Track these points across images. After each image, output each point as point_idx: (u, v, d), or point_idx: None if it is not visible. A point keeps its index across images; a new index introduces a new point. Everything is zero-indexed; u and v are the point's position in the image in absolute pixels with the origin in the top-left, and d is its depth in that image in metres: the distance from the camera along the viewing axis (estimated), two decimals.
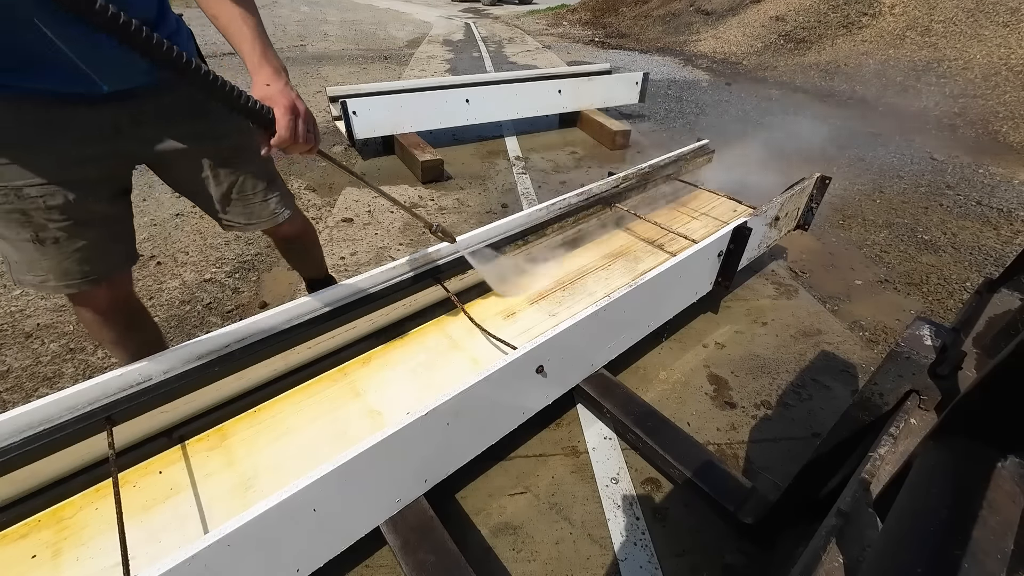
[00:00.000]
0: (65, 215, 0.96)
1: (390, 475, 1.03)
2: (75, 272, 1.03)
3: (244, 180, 1.18)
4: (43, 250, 0.98)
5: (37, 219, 0.94)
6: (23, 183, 0.90)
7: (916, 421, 0.87)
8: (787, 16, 7.63)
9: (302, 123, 0.93)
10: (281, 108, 0.90)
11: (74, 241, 1.00)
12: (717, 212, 2.27)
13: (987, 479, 0.57)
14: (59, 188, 0.94)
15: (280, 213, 1.27)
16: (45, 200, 0.93)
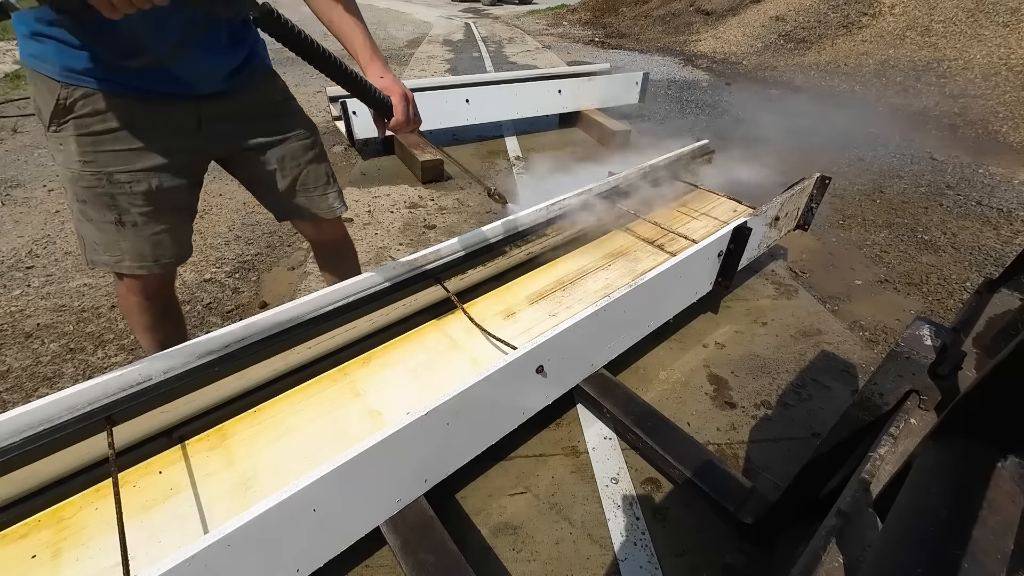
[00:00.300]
0: (147, 201, 1.07)
1: (390, 475, 1.03)
2: (148, 255, 1.13)
3: (307, 174, 1.28)
4: (123, 232, 1.09)
5: (122, 203, 1.05)
6: (115, 169, 1.02)
7: (916, 421, 0.87)
8: (787, 16, 7.63)
9: (412, 108, 1.11)
10: (397, 96, 1.08)
11: (151, 226, 1.11)
12: (717, 212, 2.27)
13: (987, 479, 0.57)
14: (145, 175, 1.05)
15: (337, 207, 1.36)
16: (131, 186, 1.04)
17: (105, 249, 1.10)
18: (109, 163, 1.01)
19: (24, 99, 4.46)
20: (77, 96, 0.95)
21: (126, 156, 1.02)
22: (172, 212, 1.14)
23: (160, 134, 1.04)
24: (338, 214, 1.38)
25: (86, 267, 1.16)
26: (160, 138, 1.04)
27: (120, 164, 1.02)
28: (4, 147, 3.47)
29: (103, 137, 0.99)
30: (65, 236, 2.48)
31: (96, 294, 2.09)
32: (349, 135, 3.32)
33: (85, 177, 1.02)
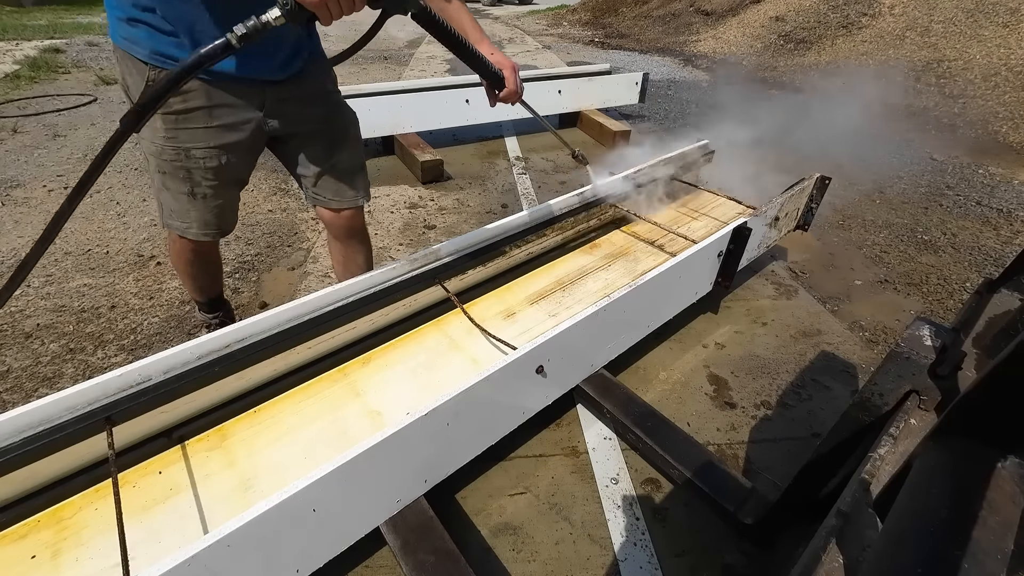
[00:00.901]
0: (216, 176, 1.22)
1: (390, 475, 1.03)
2: (212, 223, 1.31)
3: (341, 161, 1.37)
4: (194, 203, 1.25)
5: (196, 176, 1.20)
6: (192, 145, 1.15)
7: (916, 421, 0.87)
8: (787, 16, 7.63)
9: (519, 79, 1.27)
10: (508, 69, 1.24)
11: (217, 199, 1.27)
12: (717, 212, 2.27)
13: (987, 479, 0.57)
14: (217, 152, 1.18)
15: (361, 197, 1.46)
16: (205, 162, 1.18)
17: (178, 216, 1.27)
18: (188, 140, 1.14)
19: (24, 99, 4.46)
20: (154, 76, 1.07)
21: (203, 134, 1.15)
22: (233, 186, 1.30)
23: (231, 115, 1.15)
24: (359, 204, 1.46)
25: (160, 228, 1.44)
26: (231, 119, 1.16)
27: (197, 141, 1.15)
28: (4, 147, 3.47)
29: (184, 116, 1.11)
30: (65, 236, 2.48)
31: (96, 294, 2.09)
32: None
33: (167, 151, 1.15)
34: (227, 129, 1.17)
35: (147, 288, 2.13)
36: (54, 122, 3.97)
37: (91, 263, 2.29)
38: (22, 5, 10.72)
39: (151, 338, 1.87)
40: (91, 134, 3.77)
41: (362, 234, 1.59)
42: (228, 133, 1.17)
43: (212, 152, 1.17)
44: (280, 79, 1.18)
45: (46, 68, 5.42)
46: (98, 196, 2.87)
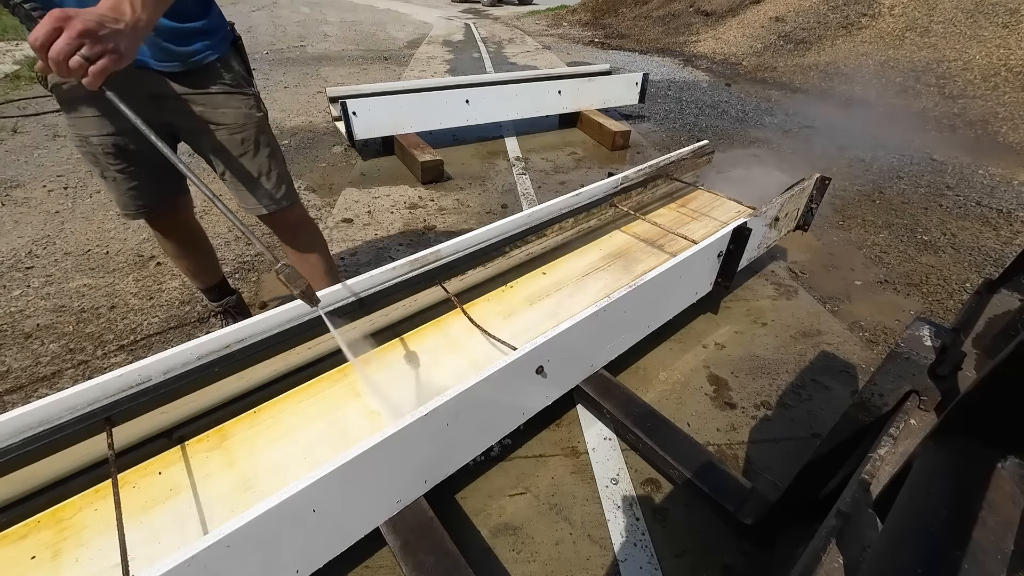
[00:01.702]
0: (119, 160, 1.24)
1: (390, 476, 1.03)
2: (130, 205, 1.33)
3: (237, 168, 1.31)
4: (109, 185, 1.30)
5: (102, 161, 1.23)
6: (89, 133, 1.18)
7: (916, 422, 0.87)
8: (786, 17, 7.63)
9: (65, 39, 0.78)
10: (52, 14, 0.79)
11: (128, 181, 1.29)
12: (717, 212, 2.27)
13: (987, 480, 0.57)
14: (111, 138, 1.19)
15: (263, 206, 1.37)
16: (103, 147, 1.20)
17: (109, 195, 1.34)
18: (84, 128, 1.17)
19: (24, 99, 4.46)
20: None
21: (95, 122, 1.16)
22: (144, 169, 1.29)
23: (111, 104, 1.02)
24: (266, 211, 1.37)
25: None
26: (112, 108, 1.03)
27: (91, 129, 1.17)
28: (4, 147, 3.47)
29: (72, 104, 1.13)
30: (65, 236, 2.48)
31: (96, 294, 2.09)
32: (349, 135, 3.32)
33: (74, 140, 1.21)
34: (117, 117, 1.14)
35: (147, 288, 2.13)
36: (54, 122, 3.96)
37: (91, 263, 2.29)
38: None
39: (151, 338, 1.87)
40: None
41: (298, 232, 1.50)
42: (119, 121, 1.15)
43: (107, 139, 1.19)
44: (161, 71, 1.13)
45: None
46: (98, 196, 2.87)
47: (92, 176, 1.28)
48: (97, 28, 0.82)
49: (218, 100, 1.23)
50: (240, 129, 1.27)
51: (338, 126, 3.54)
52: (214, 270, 1.67)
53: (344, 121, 3.26)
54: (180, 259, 1.58)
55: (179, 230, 1.52)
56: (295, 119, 4.32)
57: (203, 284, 1.68)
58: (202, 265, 1.62)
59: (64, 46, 0.79)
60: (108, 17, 0.84)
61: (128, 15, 0.87)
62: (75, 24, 0.79)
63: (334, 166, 3.42)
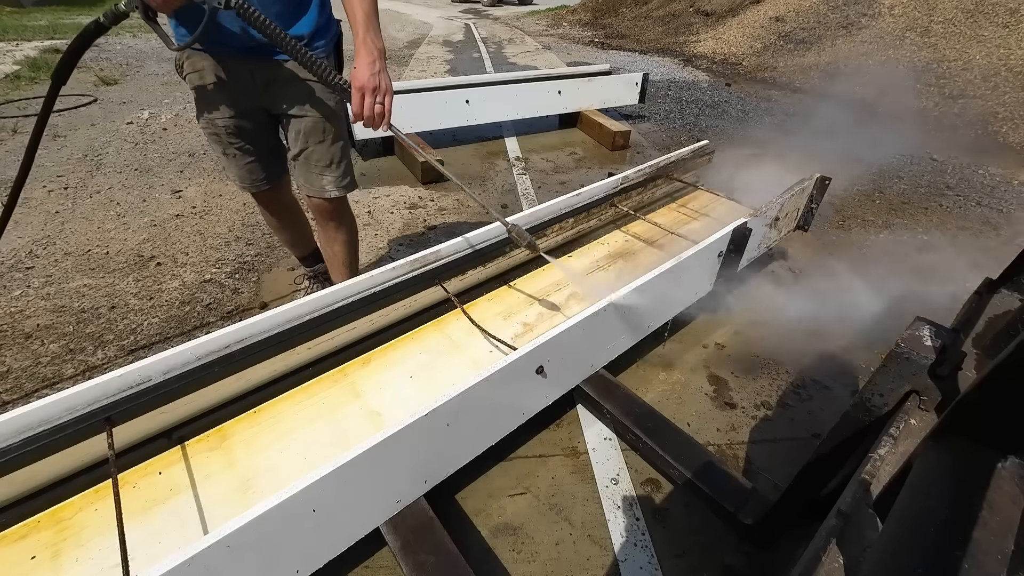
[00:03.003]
0: (238, 139, 1.43)
1: (390, 476, 1.03)
2: (246, 178, 1.52)
3: (313, 152, 1.46)
4: (228, 161, 1.48)
5: (224, 140, 1.42)
6: (215, 116, 1.38)
7: (916, 422, 0.87)
8: (787, 17, 7.63)
9: (369, 99, 1.19)
10: (355, 84, 1.18)
11: (245, 157, 1.47)
12: (717, 212, 2.27)
13: (987, 480, 0.57)
14: (232, 120, 1.39)
15: (328, 190, 1.51)
16: (226, 128, 1.40)
17: (227, 172, 1.52)
18: (211, 111, 1.37)
19: (24, 99, 4.45)
20: (183, 58, 1.31)
21: (219, 106, 1.36)
22: (260, 146, 1.48)
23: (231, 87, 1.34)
24: (328, 195, 1.51)
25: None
26: (231, 91, 1.35)
27: (217, 112, 1.37)
28: (4, 147, 3.47)
29: (202, 90, 1.33)
30: (65, 236, 2.48)
31: (96, 295, 2.09)
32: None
33: (201, 120, 1.40)
34: (234, 102, 1.36)
35: (147, 288, 2.13)
36: (54, 122, 3.96)
37: (91, 263, 2.29)
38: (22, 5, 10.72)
39: (151, 339, 1.87)
40: (91, 134, 3.77)
41: (337, 221, 1.62)
42: (236, 105, 1.37)
43: (228, 121, 1.39)
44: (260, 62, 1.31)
45: (46, 68, 5.42)
46: (98, 196, 2.87)
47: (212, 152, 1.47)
48: (379, 81, 1.19)
49: (316, 91, 1.40)
50: (327, 119, 1.44)
51: None
52: (308, 241, 1.87)
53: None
54: (280, 231, 1.78)
55: (280, 204, 1.70)
56: None
57: (299, 253, 1.89)
58: (298, 236, 1.83)
59: (373, 105, 1.20)
60: (376, 67, 1.19)
61: (380, 58, 1.20)
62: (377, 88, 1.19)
63: None
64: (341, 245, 1.66)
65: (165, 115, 4.20)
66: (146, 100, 4.62)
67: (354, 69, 1.19)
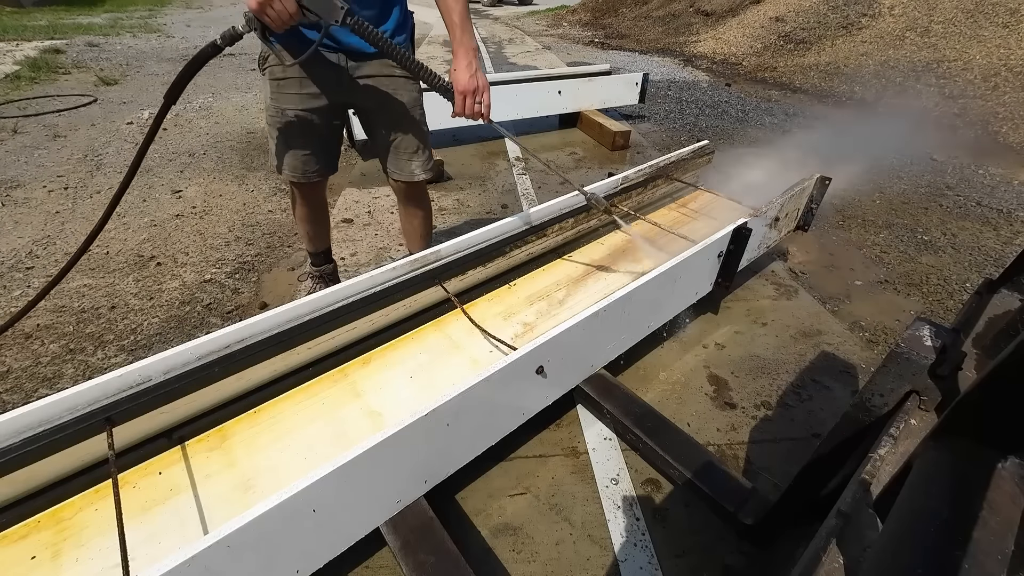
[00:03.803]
0: (303, 132, 1.51)
1: (390, 476, 1.03)
2: (298, 169, 1.58)
3: (401, 140, 1.59)
4: (287, 150, 1.54)
5: (288, 130, 1.50)
6: (288, 107, 1.45)
7: (916, 422, 0.87)
8: (787, 17, 7.63)
9: (471, 102, 1.36)
10: (457, 90, 1.33)
11: (304, 149, 1.55)
12: (717, 213, 2.27)
13: (987, 480, 0.57)
14: (304, 113, 1.47)
15: (416, 174, 1.65)
16: (297, 119, 1.48)
17: (278, 159, 1.57)
18: (285, 102, 1.45)
19: (25, 99, 4.45)
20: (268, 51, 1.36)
21: (296, 99, 1.45)
22: (320, 141, 1.57)
23: (317, 86, 1.44)
24: (416, 179, 1.65)
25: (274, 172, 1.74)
26: (316, 89, 1.44)
27: (291, 104, 1.45)
28: (4, 147, 3.47)
29: (283, 83, 1.43)
30: (65, 237, 2.48)
31: (96, 295, 2.09)
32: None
33: (271, 108, 1.48)
34: (313, 97, 1.46)
35: (147, 288, 2.13)
36: (54, 122, 3.97)
37: (91, 263, 2.29)
38: (22, 5, 10.72)
39: (151, 339, 1.87)
40: (91, 134, 3.77)
41: (419, 200, 1.79)
42: (313, 100, 1.46)
43: (300, 112, 1.47)
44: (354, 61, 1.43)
45: (46, 68, 5.43)
46: (98, 196, 2.87)
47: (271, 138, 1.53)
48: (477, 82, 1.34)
49: (399, 83, 1.51)
50: (411, 109, 1.55)
51: None
52: (326, 238, 1.95)
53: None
54: (306, 223, 1.84)
55: (317, 198, 1.79)
56: None
57: (314, 248, 1.94)
58: (319, 232, 1.90)
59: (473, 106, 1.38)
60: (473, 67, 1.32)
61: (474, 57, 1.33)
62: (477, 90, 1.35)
63: None
64: (420, 220, 1.83)
65: None
66: (146, 100, 4.62)
67: (454, 71, 1.33)
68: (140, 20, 9.17)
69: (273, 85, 1.44)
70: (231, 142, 3.68)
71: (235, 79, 5.36)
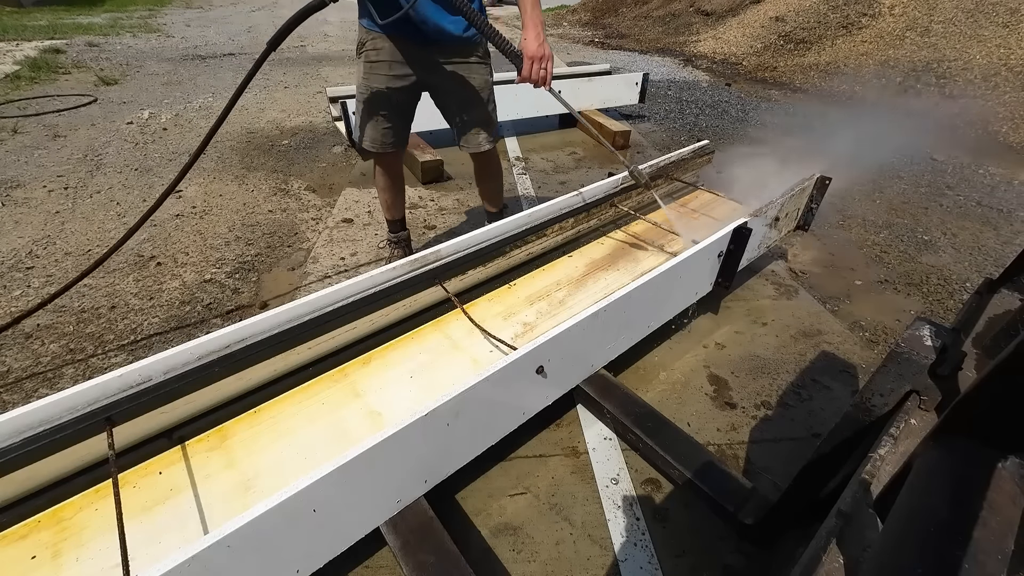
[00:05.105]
0: (387, 108, 1.76)
1: (390, 475, 1.03)
2: (378, 140, 1.82)
3: (472, 117, 1.82)
4: (371, 124, 1.79)
5: (375, 106, 1.74)
6: (377, 85, 1.70)
7: (916, 421, 0.87)
8: (787, 17, 7.62)
9: (537, 67, 1.53)
10: (526, 56, 1.52)
11: (386, 123, 1.79)
12: (717, 212, 2.27)
13: (987, 479, 0.57)
14: (389, 91, 1.72)
15: (484, 145, 1.88)
16: (384, 95, 1.72)
17: (362, 132, 1.82)
18: (374, 81, 1.70)
19: (25, 99, 4.45)
20: (368, 38, 1.66)
21: (384, 79, 1.69)
22: (398, 116, 1.80)
23: (403, 68, 1.68)
24: (483, 149, 1.89)
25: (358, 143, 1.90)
26: (402, 71, 1.68)
27: (380, 83, 1.69)
28: (4, 147, 3.47)
29: (375, 64, 1.67)
30: (65, 237, 2.48)
31: (96, 294, 2.09)
32: (349, 135, 3.32)
33: (361, 86, 1.73)
34: (399, 77, 1.69)
35: (147, 288, 2.13)
36: (54, 122, 3.97)
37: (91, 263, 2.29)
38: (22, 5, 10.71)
39: (151, 338, 1.87)
40: (91, 134, 3.77)
41: (490, 167, 2.04)
42: (398, 80, 1.69)
43: (386, 91, 1.70)
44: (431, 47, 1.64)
45: (46, 68, 5.43)
46: (98, 196, 2.87)
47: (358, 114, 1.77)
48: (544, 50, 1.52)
49: (474, 67, 1.74)
50: (481, 90, 1.78)
51: (338, 126, 3.54)
52: (402, 207, 2.14)
53: (344, 121, 3.26)
54: (386, 191, 2.04)
55: (395, 168, 1.99)
56: (295, 119, 4.32)
57: (391, 216, 2.14)
58: (397, 200, 2.09)
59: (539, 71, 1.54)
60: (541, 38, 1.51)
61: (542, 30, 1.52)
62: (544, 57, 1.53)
63: (334, 166, 3.42)
64: (494, 181, 2.10)
65: (165, 115, 4.20)
66: (146, 100, 4.62)
67: (524, 40, 1.51)
68: (140, 20, 9.17)
69: (366, 67, 1.68)
70: (231, 142, 3.68)
71: (235, 79, 5.36)
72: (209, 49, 6.86)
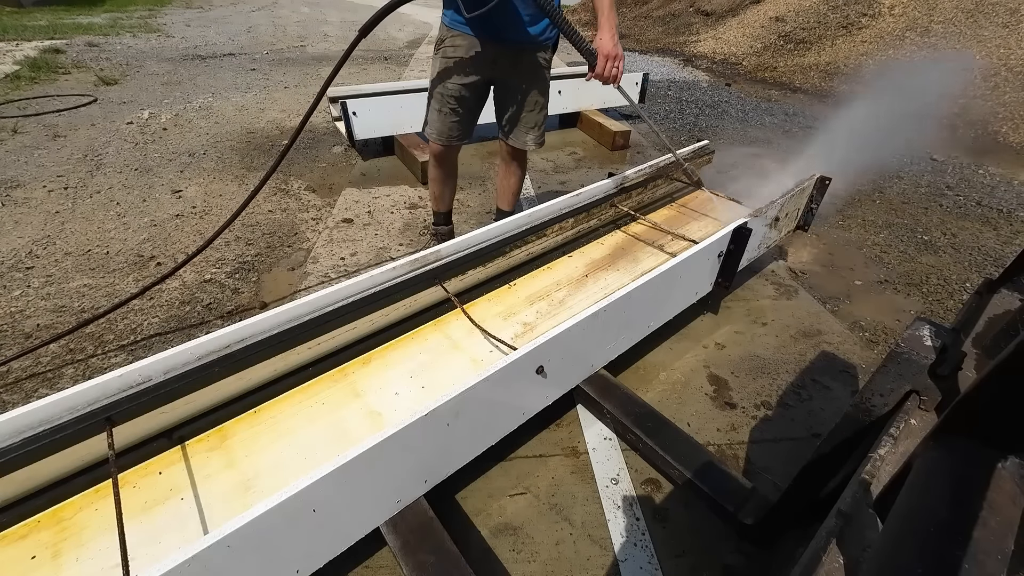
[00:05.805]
0: (457, 103, 1.82)
1: (390, 476, 1.03)
2: (444, 133, 1.89)
3: (526, 117, 1.90)
4: (439, 117, 1.86)
5: (445, 100, 1.81)
6: (448, 81, 1.77)
7: (916, 422, 0.87)
8: (787, 17, 7.62)
9: (610, 65, 1.57)
10: (601, 54, 1.55)
11: (453, 117, 1.85)
12: (717, 213, 2.27)
13: (987, 480, 0.57)
14: (459, 87, 1.78)
15: (529, 144, 1.96)
16: (453, 91, 1.79)
17: (430, 125, 1.89)
18: (447, 76, 1.76)
19: (25, 99, 4.45)
20: (447, 35, 1.74)
21: (457, 75, 1.76)
22: (466, 111, 1.86)
23: (475, 64, 1.74)
24: (529, 148, 1.97)
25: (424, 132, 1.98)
26: (474, 67, 1.75)
27: (452, 78, 1.77)
28: (4, 147, 3.47)
29: (450, 60, 1.74)
30: (65, 237, 2.48)
31: (96, 294, 2.09)
32: (349, 135, 3.32)
33: (435, 81, 1.79)
34: (472, 74, 1.76)
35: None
36: (54, 122, 3.97)
37: (91, 263, 2.29)
38: (22, 5, 10.71)
39: (151, 339, 1.87)
40: (91, 134, 3.77)
41: (521, 164, 2.11)
42: (470, 76, 1.76)
43: (456, 87, 1.77)
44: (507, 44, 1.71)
45: (46, 68, 5.42)
46: (98, 196, 2.87)
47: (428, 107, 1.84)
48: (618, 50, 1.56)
49: (540, 69, 1.82)
50: (542, 93, 1.87)
51: (338, 126, 3.54)
52: (450, 201, 2.21)
53: (344, 121, 3.26)
54: (438, 182, 2.11)
55: (452, 161, 2.06)
56: (295, 119, 4.32)
57: (441, 208, 2.21)
58: (448, 193, 2.17)
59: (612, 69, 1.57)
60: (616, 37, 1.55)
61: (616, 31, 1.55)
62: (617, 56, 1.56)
63: (334, 166, 3.42)
64: (516, 179, 2.15)
65: (165, 115, 4.20)
66: (146, 100, 4.62)
67: (599, 39, 1.55)
68: (140, 20, 9.16)
69: (442, 63, 1.75)
70: (231, 142, 3.68)
71: (235, 79, 5.36)
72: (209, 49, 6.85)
